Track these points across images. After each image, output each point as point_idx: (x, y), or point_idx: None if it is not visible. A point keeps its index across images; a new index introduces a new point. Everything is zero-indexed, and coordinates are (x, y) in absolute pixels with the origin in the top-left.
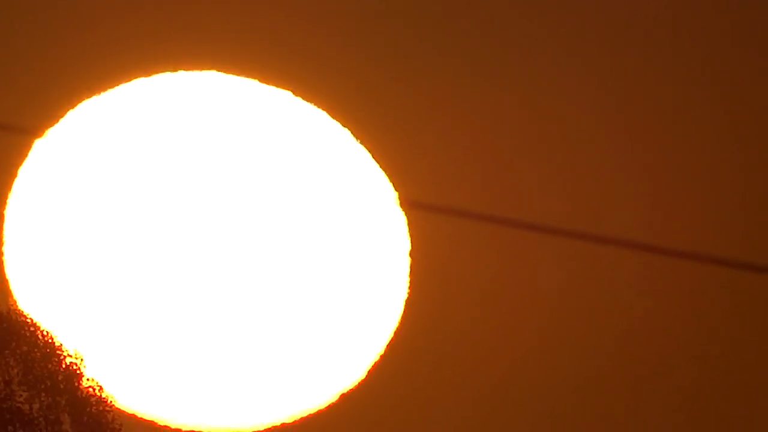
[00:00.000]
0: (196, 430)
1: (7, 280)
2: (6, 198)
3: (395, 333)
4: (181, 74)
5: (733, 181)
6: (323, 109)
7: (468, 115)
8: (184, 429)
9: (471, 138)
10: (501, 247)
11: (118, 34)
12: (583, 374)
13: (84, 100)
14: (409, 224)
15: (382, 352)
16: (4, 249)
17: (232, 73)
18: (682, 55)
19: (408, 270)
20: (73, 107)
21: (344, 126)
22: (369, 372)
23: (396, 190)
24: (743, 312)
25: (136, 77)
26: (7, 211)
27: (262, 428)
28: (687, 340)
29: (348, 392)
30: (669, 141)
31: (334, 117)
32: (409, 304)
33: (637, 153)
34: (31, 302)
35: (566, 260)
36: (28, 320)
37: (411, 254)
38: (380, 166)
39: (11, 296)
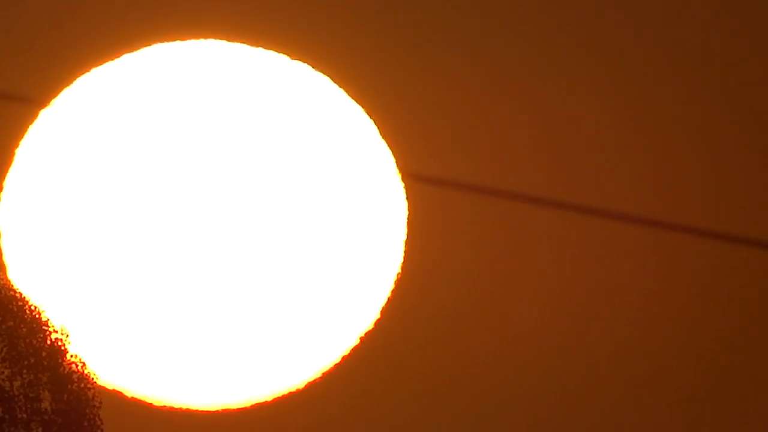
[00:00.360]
0: (180, 407)
1: (1, 254)
2: (8, 168)
3: (387, 304)
4: (186, 43)
5: (738, 156)
6: (331, 78)
7: (471, 90)
8: (168, 406)
9: (472, 111)
10: (498, 220)
11: (122, 3)
12: (578, 348)
13: (89, 69)
14: (408, 196)
15: (373, 323)
16: (2, 222)
17: (240, 42)
18: (684, 32)
19: (404, 240)
20: (78, 76)
21: (351, 96)
22: (361, 341)
23: (397, 161)
24: (751, 289)
25: (140, 47)
26: (7, 182)
27: (251, 403)
28: (690, 315)
29: (339, 362)
30: (672, 116)
31: (340, 86)
32: (403, 274)
33: (640, 126)
34: (25, 276)
35: (564, 233)
36: (17, 294)
37: (408, 225)
38: (382, 136)
39: (2, 270)
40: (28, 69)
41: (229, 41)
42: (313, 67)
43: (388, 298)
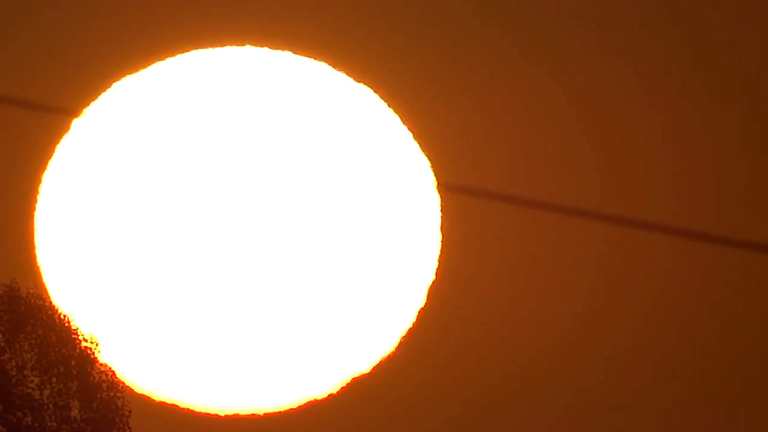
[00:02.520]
0: (207, 411)
1: (34, 262)
2: (41, 178)
3: (420, 314)
4: (219, 50)
5: (756, 165)
6: (371, 88)
7: (508, 102)
8: (196, 411)
9: (508, 123)
10: (531, 230)
11: (153, 12)
12: (614, 357)
13: (119, 78)
14: (443, 206)
15: (405, 332)
16: (36, 231)
17: (279, 49)
18: (714, 44)
19: (439, 250)
20: (108, 86)
21: (388, 105)
22: (395, 349)
23: (433, 171)
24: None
25: (171, 55)
26: (41, 192)
27: (280, 409)
28: (720, 322)
29: (371, 371)
30: (703, 127)
31: (379, 95)
32: (437, 285)
33: (673, 137)
34: (59, 283)
35: (597, 243)
36: (47, 304)
37: (442, 235)
38: (420, 147)
39: (38, 279)
40: (59, 79)
41: (266, 48)
42: (352, 77)
43: (421, 308)
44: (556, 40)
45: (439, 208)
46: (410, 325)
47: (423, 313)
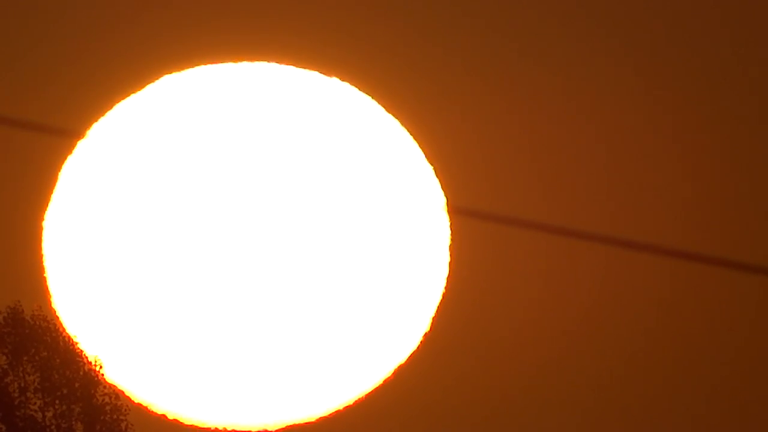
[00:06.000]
0: (215, 427)
1: (39, 284)
2: (48, 200)
3: (426, 336)
4: (221, 66)
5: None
6: (384, 107)
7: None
8: (201, 426)
9: (521, 147)
10: (539, 254)
11: (150, 30)
12: (620, 379)
13: (123, 98)
14: (452, 228)
15: (412, 353)
16: (44, 252)
17: (280, 63)
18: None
19: (447, 273)
20: (111, 106)
21: (403, 126)
22: (399, 369)
23: (444, 194)
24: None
25: (170, 72)
26: (48, 213)
27: (282, 426)
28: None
29: (376, 390)
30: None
31: (392, 115)
32: (444, 306)
33: (686, 160)
34: (64, 305)
35: (603, 267)
36: (51, 326)
37: (451, 257)
38: (432, 169)
39: (43, 300)
40: (61, 100)
41: (273, 63)
42: (366, 95)
43: (428, 331)
44: (574, 62)
45: (449, 231)
46: (416, 348)
47: (429, 337)
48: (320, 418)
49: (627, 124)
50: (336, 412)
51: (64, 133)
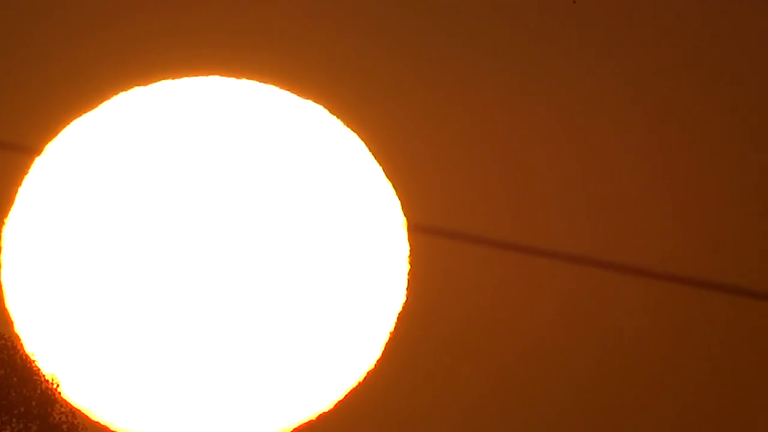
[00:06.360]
0: None
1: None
2: (5, 217)
3: (385, 348)
4: (181, 81)
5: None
6: (342, 120)
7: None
8: None
9: (477, 164)
10: (498, 270)
11: (108, 46)
12: (579, 401)
13: (82, 113)
14: (411, 246)
15: (371, 367)
16: (2, 270)
17: (239, 78)
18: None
19: (405, 288)
20: (69, 121)
21: (362, 141)
22: (357, 386)
23: (403, 211)
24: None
25: (131, 87)
26: (5, 232)
27: None
28: (682, 366)
29: (335, 407)
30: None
31: (351, 130)
32: (402, 322)
33: (652, 179)
34: (21, 323)
35: (564, 284)
36: (8, 343)
37: (410, 274)
38: (392, 185)
39: (1, 319)
40: (17, 116)
41: (232, 78)
42: (326, 109)
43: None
44: (536, 87)
45: (408, 249)
46: (372, 367)
47: (384, 357)
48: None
49: (588, 142)
50: (294, 429)
51: (20, 149)
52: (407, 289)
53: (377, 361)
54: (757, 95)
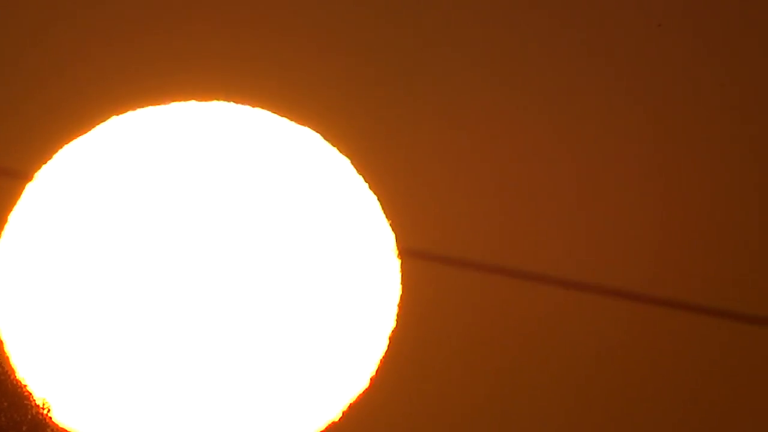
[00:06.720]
0: None
1: None
2: None
3: (375, 374)
4: (174, 105)
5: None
6: (334, 145)
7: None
8: None
9: (469, 190)
10: (488, 295)
11: (99, 71)
12: (569, 425)
13: (73, 138)
14: (402, 271)
15: (360, 393)
16: None
17: (244, 104)
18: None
19: (395, 314)
20: (61, 146)
21: (354, 167)
22: (346, 411)
23: (395, 234)
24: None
25: (120, 113)
26: None
27: None
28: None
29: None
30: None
31: (345, 155)
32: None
33: (641, 204)
34: (14, 347)
35: (557, 309)
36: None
37: (401, 300)
38: (383, 210)
39: None
40: (7, 142)
41: (221, 102)
42: (317, 134)
43: (374, 374)
44: (530, 112)
45: (399, 274)
46: (361, 393)
47: (373, 383)
48: None
49: (581, 169)
50: None
51: (10, 174)
52: (397, 314)
53: (366, 388)
54: (753, 112)
